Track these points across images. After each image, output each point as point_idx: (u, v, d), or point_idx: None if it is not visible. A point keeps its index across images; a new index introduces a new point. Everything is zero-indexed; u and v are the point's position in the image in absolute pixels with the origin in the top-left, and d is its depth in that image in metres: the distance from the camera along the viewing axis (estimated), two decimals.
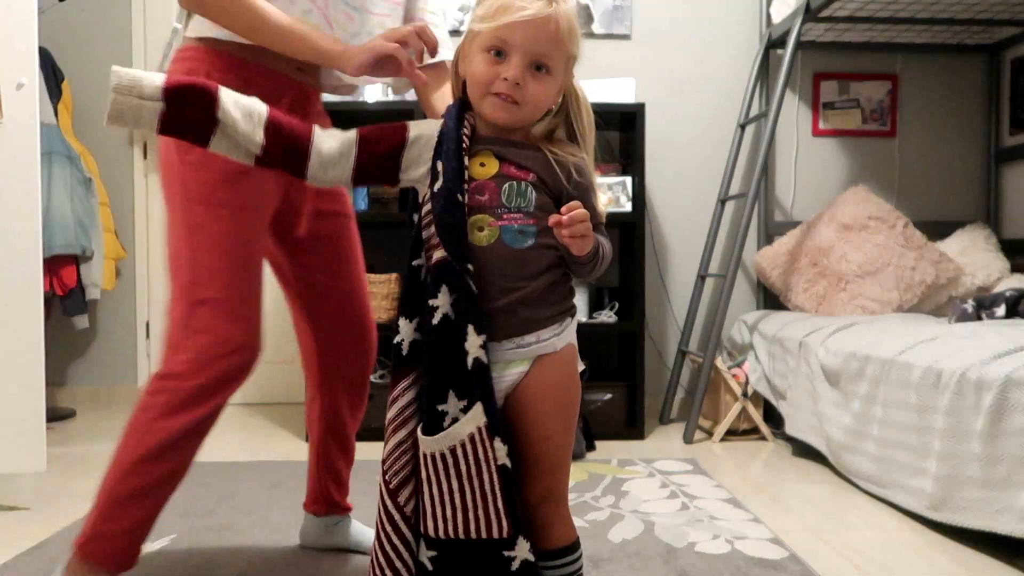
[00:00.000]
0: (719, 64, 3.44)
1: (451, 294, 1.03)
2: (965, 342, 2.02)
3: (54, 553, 1.75)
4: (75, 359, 3.72)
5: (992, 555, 1.74)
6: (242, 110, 1.06)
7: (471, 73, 1.10)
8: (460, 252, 1.03)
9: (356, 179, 1.13)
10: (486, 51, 1.07)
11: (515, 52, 1.06)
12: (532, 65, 1.07)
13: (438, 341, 1.04)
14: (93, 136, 3.60)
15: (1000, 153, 3.47)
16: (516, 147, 1.11)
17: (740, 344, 3.17)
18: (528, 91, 1.07)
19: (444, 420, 1.03)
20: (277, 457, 2.70)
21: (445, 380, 1.03)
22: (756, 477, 2.44)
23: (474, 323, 1.02)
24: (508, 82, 1.06)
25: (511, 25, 1.04)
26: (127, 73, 1.03)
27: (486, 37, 1.07)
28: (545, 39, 1.06)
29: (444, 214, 1.04)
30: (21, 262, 2.05)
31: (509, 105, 1.07)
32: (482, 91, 1.08)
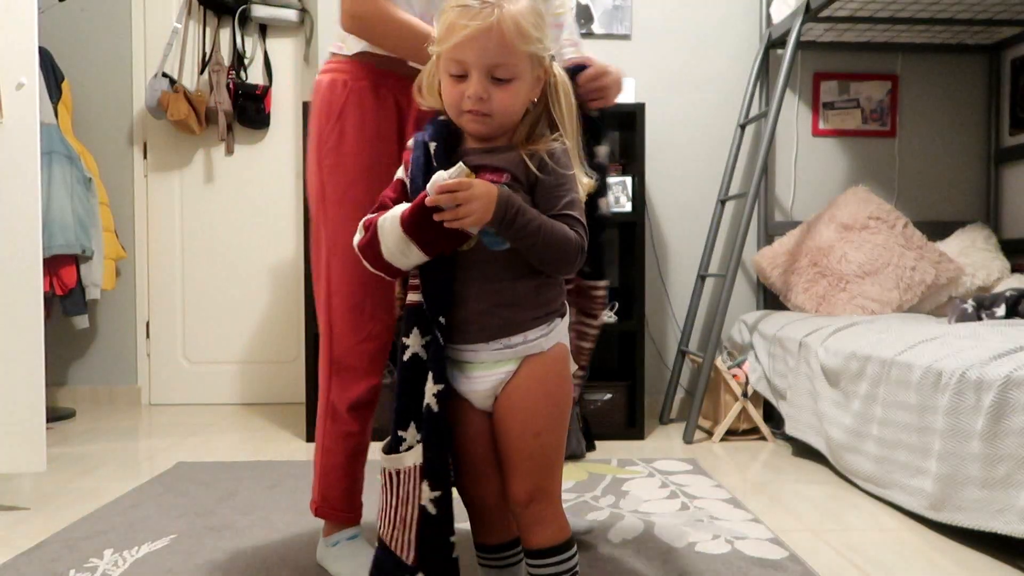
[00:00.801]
0: (719, 64, 3.44)
1: (423, 336, 1.10)
2: (965, 342, 2.02)
3: (54, 553, 1.75)
4: (75, 359, 3.72)
5: (992, 555, 1.74)
6: None
7: (444, 96, 1.13)
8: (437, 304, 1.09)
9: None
10: (448, 74, 1.10)
11: (472, 69, 1.07)
12: (490, 76, 1.08)
13: (407, 377, 1.11)
14: (93, 136, 3.60)
15: (1000, 153, 3.47)
16: (495, 152, 1.13)
17: (740, 344, 3.17)
18: (494, 102, 1.08)
19: (401, 445, 1.12)
20: (277, 457, 2.70)
21: (409, 411, 1.12)
22: (756, 477, 2.44)
23: (434, 371, 1.09)
24: (472, 99, 1.08)
25: (460, 45, 1.06)
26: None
27: (445, 61, 1.10)
28: (494, 49, 1.06)
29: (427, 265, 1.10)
30: (21, 262, 2.05)
31: (481, 118, 1.09)
32: (456, 112, 1.11)
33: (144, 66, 3.69)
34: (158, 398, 3.75)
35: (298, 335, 3.68)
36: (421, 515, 1.10)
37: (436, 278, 1.09)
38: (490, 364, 1.11)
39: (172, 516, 2.02)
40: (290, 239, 3.75)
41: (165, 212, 3.75)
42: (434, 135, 1.14)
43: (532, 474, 1.11)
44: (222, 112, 3.55)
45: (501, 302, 1.09)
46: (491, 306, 1.09)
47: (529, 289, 1.11)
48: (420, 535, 1.10)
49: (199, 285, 3.76)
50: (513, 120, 1.13)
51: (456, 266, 1.10)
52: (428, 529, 1.10)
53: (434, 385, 1.08)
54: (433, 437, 1.09)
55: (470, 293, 1.09)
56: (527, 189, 1.11)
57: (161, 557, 1.74)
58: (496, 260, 1.09)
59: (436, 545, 1.10)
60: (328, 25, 3.41)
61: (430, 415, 1.08)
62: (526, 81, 1.11)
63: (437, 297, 1.09)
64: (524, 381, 1.11)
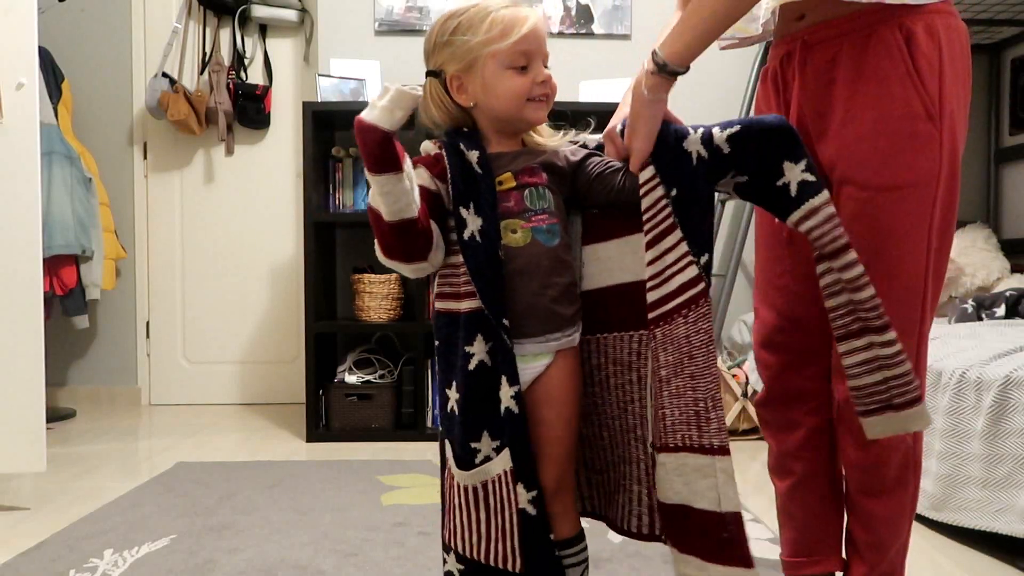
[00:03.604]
0: (719, 64, 3.44)
1: (486, 342, 1.08)
2: (965, 342, 2.02)
3: (54, 553, 1.75)
4: (75, 359, 3.72)
5: (992, 555, 1.74)
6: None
7: (504, 91, 1.13)
8: (500, 308, 1.08)
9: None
10: (510, 68, 1.13)
11: (535, 58, 1.13)
12: (544, 63, 1.16)
13: (474, 386, 1.09)
14: (93, 136, 3.60)
15: (1000, 153, 3.47)
16: (522, 156, 1.17)
17: (740, 344, 3.17)
18: (553, 84, 1.16)
19: (477, 457, 1.09)
20: (277, 457, 2.70)
21: (480, 421, 1.09)
22: (756, 477, 2.43)
23: (507, 374, 1.08)
24: (544, 84, 1.14)
25: (526, 37, 1.11)
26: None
27: (506, 56, 1.11)
28: (543, 40, 1.15)
29: (484, 268, 1.08)
30: (21, 262, 2.05)
31: (545, 103, 1.15)
32: (519, 102, 1.14)
33: (144, 66, 3.69)
34: (158, 398, 3.75)
35: (298, 335, 3.68)
36: (520, 519, 1.08)
37: (493, 283, 1.08)
38: (530, 357, 1.13)
39: (172, 516, 2.02)
40: (290, 239, 3.75)
41: (165, 212, 3.75)
42: (469, 144, 1.14)
43: (561, 461, 1.14)
44: (222, 112, 3.55)
45: (549, 298, 1.12)
46: (541, 303, 1.12)
47: (569, 286, 1.15)
48: (524, 540, 1.08)
49: (199, 285, 3.76)
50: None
51: (509, 259, 1.11)
52: (530, 532, 1.09)
53: (510, 388, 1.08)
54: (518, 439, 1.09)
55: (521, 290, 1.11)
56: (560, 190, 1.17)
57: (161, 557, 1.74)
58: (549, 256, 1.12)
59: (540, 546, 1.10)
60: (328, 25, 3.41)
61: (511, 418, 1.08)
62: None
63: (497, 300, 1.08)
64: (559, 372, 1.14)
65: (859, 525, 1.23)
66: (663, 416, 1.06)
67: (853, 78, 1.11)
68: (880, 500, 1.19)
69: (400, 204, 1.03)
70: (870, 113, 1.10)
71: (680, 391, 1.04)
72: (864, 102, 1.11)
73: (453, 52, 1.13)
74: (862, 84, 1.10)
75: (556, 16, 3.40)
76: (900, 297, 1.11)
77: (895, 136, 1.08)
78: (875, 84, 1.09)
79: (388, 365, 3.09)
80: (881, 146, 1.09)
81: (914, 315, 1.13)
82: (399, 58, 3.36)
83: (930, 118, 1.08)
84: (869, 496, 1.20)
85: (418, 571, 1.64)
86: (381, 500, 2.16)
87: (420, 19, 3.38)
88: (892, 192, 1.10)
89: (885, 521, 1.19)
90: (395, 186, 1.02)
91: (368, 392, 2.96)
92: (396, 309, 3.02)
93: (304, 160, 2.98)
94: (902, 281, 1.11)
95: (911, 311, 1.12)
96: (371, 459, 2.64)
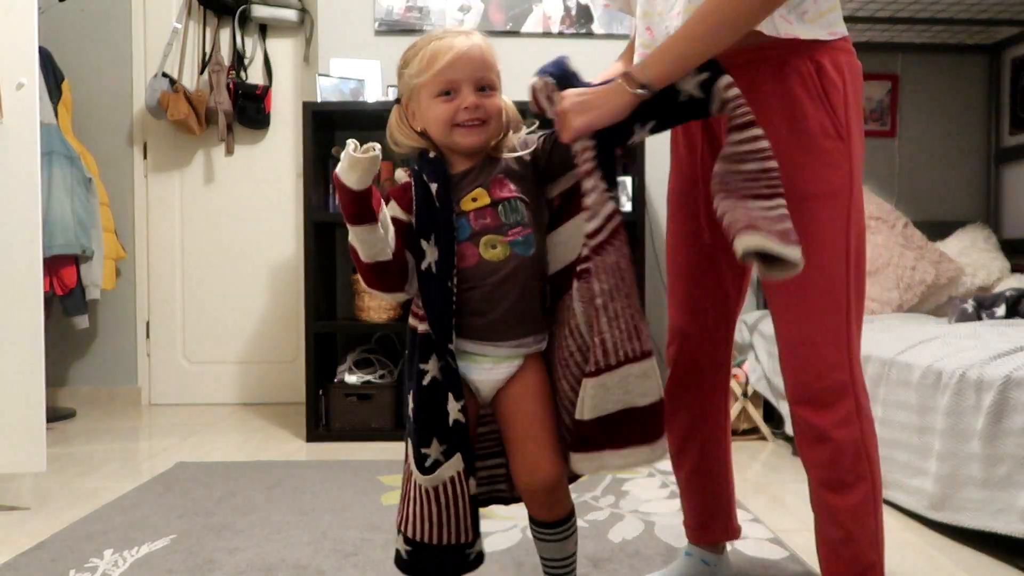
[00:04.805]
0: None
1: (438, 361, 1.19)
2: (965, 342, 2.02)
3: (54, 553, 1.75)
4: (75, 359, 3.72)
5: (992, 555, 1.74)
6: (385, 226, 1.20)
7: (432, 119, 1.21)
8: (447, 335, 1.18)
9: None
10: (437, 96, 1.20)
11: (462, 84, 1.19)
12: (478, 88, 1.21)
13: (427, 399, 1.20)
14: (93, 136, 3.60)
15: (1000, 153, 3.47)
16: (488, 169, 1.24)
17: (740, 344, 3.17)
18: (488, 107, 1.21)
19: (427, 460, 1.20)
20: (277, 457, 2.70)
21: (430, 430, 1.20)
22: (756, 477, 2.44)
23: (453, 391, 1.19)
24: (469, 109, 1.19)
25: (449, 65, 1.18)
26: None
27: (432, 85, 1.20)
28: (478, 64, 1.20)
29: (435, 298, 1.19)
30: (21, 262, 2.05)
31: (477, 128, 1.20)
32: (447, 128, 1.20)
33: (144, 66, 3.69)
34: (158, 398, 3.75)
35: (298, 335, 3.68)
36: (472, 503, 1.23)
37: (443, 312, 1.19)
38: (502, 359, 1.24)
39: (172, 516, 2.02)
40: (290, 239, 3.75)
41: (165, 212, 3.75)
42: (432, 174, 1.21)
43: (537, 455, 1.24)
44: (222, 112, 3.55)
45: (527, 306, 1.23)
46: (520, 310, 1.22)
47: (541, 294, 1.26)
48: (475, 516, 1.24)
49: (199, 285, 3.76)
50: (500, 128, 1.24)
51: (490, 272, 1.20)
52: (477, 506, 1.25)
53: (456, 403, 1.19)
54: (464, 445, 1.20)
55: (502, 298, 1.20)
56: (536, 177, 1.26)
57: (161, 557, 1.74)
58: (526, 266, 1.21)
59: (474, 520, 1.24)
60: (328, 25, 3.41)
61: (459, 427, 1.19)
62: (500, 96, 1.24)
63: (445, 327, 1.18)
64: (532, 373, 1.26)
65: (825, 519, 1.29)
66: (602, 342, 1.16)
67: (770, 99, 1.21)
68: (841, 495, 1.25)
69: (375, 249, 1.17)
70: (787, 129, 1.21)
71: (619, 312, 1.16)
72: (782, 120, 1.21)
73: (402, 84, 1.25)
74: (779, 104, 1.21)
75: (556, 16, 3.40)
76: (824, 305, 1.22)
77: (811, 151, 1.21)
78: (791, 105, 1.21)
79: (388, 365, 3.09)
80: (799, 160, 1.20)
81: (840, 319, 1.23)
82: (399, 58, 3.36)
83: (840, 137, 1.21)
84: (831, 491, 1.26)
85: None
86: (381, 500, 2.16)
87: (420, 19, 3.38)
88: (811, 200, 1.21)
89: (850, 514, 1.25)
90: (369, 235, 1.16)
91: (368, 392, 2.96)
92: (396, 309, 3.02)
93: (304, 160, 2.98)
94: (826, 283, 1.22)
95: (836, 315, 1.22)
96: (371, 459, 2.64)
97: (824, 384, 1.22)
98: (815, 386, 1.23)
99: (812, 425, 1.24)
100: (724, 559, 1.58)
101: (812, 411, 1.24)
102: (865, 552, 1.25)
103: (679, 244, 1.46)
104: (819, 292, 1.22)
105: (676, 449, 1.53)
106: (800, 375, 1.24)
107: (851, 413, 1.22)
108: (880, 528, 1.27)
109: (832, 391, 1.22)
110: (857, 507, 1.24)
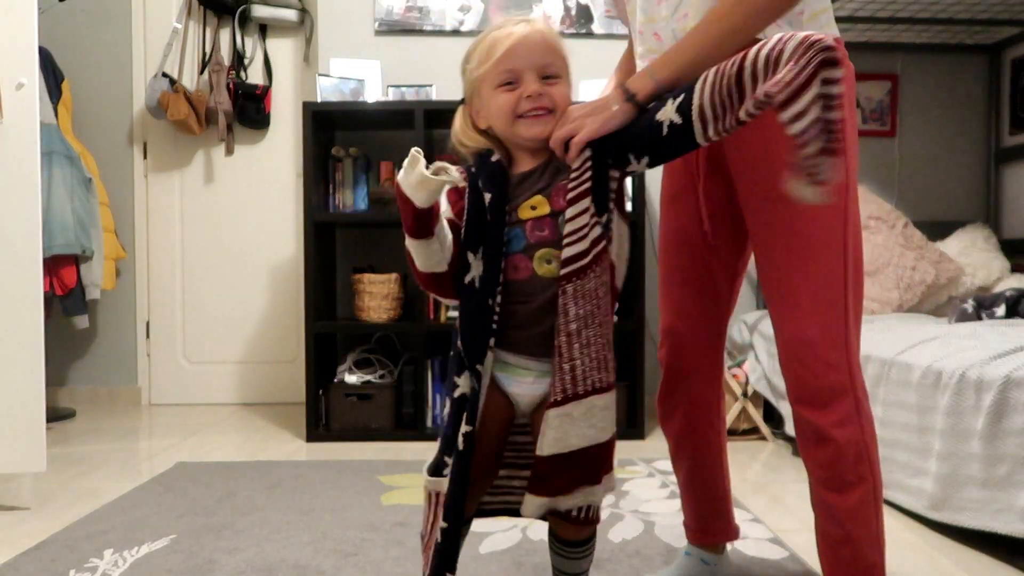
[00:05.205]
0: None
1: (469, 379, 1.14)
2: (965, 342, 2.02)
3: (54, 553, 1.75)
4: (75, 359, 3.72)
5: (992, 555, 1.74)
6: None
7: (494, 111, 1.15)
8: (477, 356, 1.13)
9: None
10: (498, 87, 1.14)
11: (524, 72, 1.13)
12: (542, 76, 1.14)
13: (455, 411, 1.16)
14: (93, 136, 3.60)
15: (1000, 153, 3.47)
16: (552, 172, 1.16)
17: (740, 344, 3.17)
18: (553, 95, 1.14)
19: (444, 469, 1.16)
20: (277, 457, 2.70)
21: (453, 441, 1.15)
22: (756, 477, 2.44)
23: (470, 413, 1.13)
24: (532, 97, 1.12)
25: (508, 53, 1.12)
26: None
27: (492, 76, 1.14)
28: (541, 51, 1.13)
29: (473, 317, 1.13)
30: (21, 262, 2.05)
31: (542, 117, 1.13)
32: (510, 119, 1.14)
33: (144, 66, 3.69)
34: (158, 398, 3.75)
35: (298, 335, 3.68)
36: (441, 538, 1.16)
37: (477, 332, 1.13)
38: (544, 373, 1.16)
39: (172, 516, 2.02)
40: (290, 239, 3.75)
41: (165, 212, 3.75)
42: (488, 182, 1.15)
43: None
44: (222, 112, 3.55)
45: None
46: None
47: None
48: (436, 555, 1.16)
49: (199, 285, 3.76)
50: None
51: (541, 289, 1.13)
52: (437, 554, 1.16)
53: (465, 426, 1.13)
54: (461, 475, 1.14)
55: (549, 314, 1.12)
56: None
57: (161, 557, 1.74)
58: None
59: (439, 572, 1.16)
60: (328, 25, 3.41)
61: (458, 452, 1.14)
62: (569, 83, 1.16)
63: (474, 346, 1.13)
64: None
65: (825, 519, 1.29)
66: (572, 368, 1.11)
67: None
68: (842, 495, 1.25)
69: (431, 261, 1.14)
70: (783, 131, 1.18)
71: (591, 340, 1.11)
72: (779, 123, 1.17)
73: (465, 82, 1.19)
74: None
75: (556, 16, 3.41)
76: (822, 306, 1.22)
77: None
78: None
79: (388, 365, 3.09)
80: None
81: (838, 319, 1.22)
82: (399, 58, 3.36)
83: None
84: (831, 491, 1.26)
85: (418, 571, 1.64)
86: (381, 500, 2.16)
87: (420, 19, 3.38)
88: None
89: (849, 514, 1.24)
90: (426, 248, 1.12)
91: (368, 392, 2.96)
92: (396, 309, 3.02)
93: (304, 160, 2.98)
94: (824, 283, 1.22)
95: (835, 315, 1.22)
96: (371, 459, 2.64)
97: (823, 384, 1.22)
98: (814, 385, 1.23)
99: (812, 425, 1.24)
100: (724, 559, 1.58)
101: (812, 411, 1.24)
102: (866, 552, 1.25)
103: (671, 244, 1.47)
104: (817, 292, 1.22)
105: (673, 450, 1.54)
106: (799, 375, 1.24)
107: (851, 413, 1.22)
108: (881, 528, 1.27)
109: (831, 391, 1.22)
110: (857, 507, 1.24)
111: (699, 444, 1.50)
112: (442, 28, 3.38)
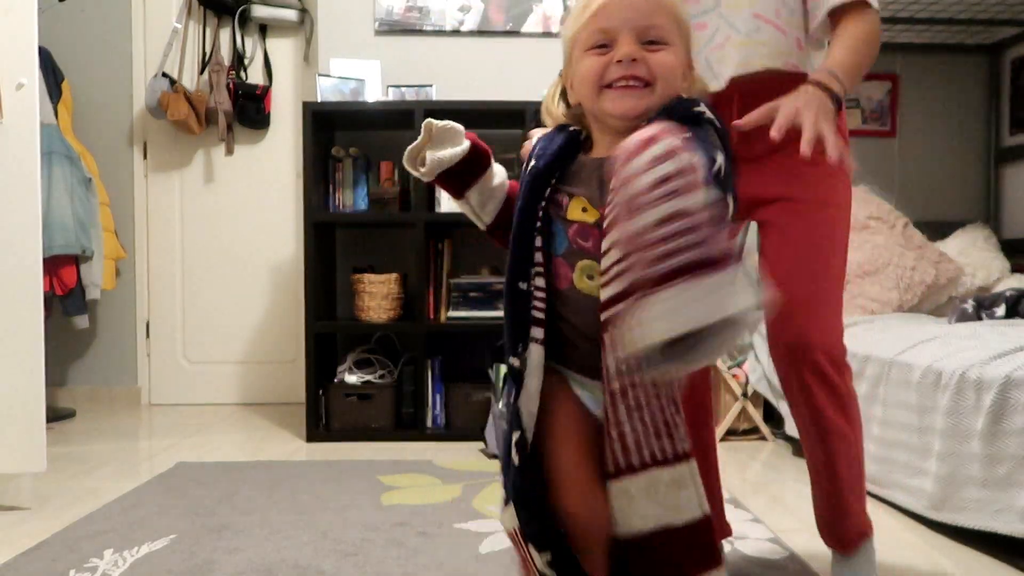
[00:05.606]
0: None
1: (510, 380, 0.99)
2: (965, 342, 2.02)
3: (54, 553, 1.75)
4: (75, 359, 3.72)
5: (992, 555, 1.74)
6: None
7: (580, 78, 0.96)
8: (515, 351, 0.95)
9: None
10: (589, 50, 0.95)
11: (619, 32, 0.93)
12: (643, 40, 0.93)
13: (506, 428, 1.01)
14: (93, 136, 3.60)
15: (1000, 153, 3.47)
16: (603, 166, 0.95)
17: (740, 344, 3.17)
18: (652, 63, 0.92)
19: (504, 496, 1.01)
20: (277, 457, 2.70)
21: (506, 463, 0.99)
22: (756, 477, 2.43)
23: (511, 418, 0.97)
24: (623, 63, 0.92)
25: (603, 9, 0.93)
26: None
27: (584, 35, 0.95)
28: (643, 9, 0.93)
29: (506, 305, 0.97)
30: (21, 262, 2.05)
31: (633, 89, 0.93)
32: (595, 89, 0.94)
33: (144, 66, 3.69)
34: (158, 398, 3.75)
35: (298, 335, 3.67)
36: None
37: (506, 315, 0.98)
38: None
39: (172, 516, 2.02)
40: (290, 239, 3.75)
41: (165, 212, 3.75)
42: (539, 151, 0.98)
43: None
44: (222, 112, 3.55)
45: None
46: None
47: None
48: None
49: (199, 285, 3.75)
50: (669, 93, 0.94)
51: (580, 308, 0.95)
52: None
53: (512, 432, 0.93)
54: (519, 493, 0.93)
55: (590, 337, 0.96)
56: None
57: (161, 557, 1.73)
58: None
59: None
60: (328, 25, 3.41)
61: (512, 469, 0.93)
62: (680, 50, 0.96)
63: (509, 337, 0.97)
64: None
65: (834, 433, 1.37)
66: (620, 436, 0.91)
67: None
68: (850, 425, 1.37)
69: (472, 217, 1.08)
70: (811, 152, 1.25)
71: (640, 401, 0.90)
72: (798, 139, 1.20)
73: (563, 47, 1.01)
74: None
75: (556, 16, 3.40)
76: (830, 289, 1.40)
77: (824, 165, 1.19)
78: None
79: (388, 365, 3.09)
80: (818, 172, 1.29)
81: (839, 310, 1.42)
82: (399, 58, 3.36)
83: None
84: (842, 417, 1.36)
85: (418, 571, 1.64)
86: (381, 500, 2.16)
87: (420, 19, 3.38)
88: (827, 208, 1.36)
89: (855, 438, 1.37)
90: (462, 206, 1.07)
91: (368, 392, 2.96)
92: (396, 309, 3.02)
93: (304, 160, 2.98)
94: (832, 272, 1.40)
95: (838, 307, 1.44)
96: (371, 459, 2.64)
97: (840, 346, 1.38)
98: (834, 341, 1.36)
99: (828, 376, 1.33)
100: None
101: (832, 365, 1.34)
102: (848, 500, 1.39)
103: None
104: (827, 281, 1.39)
105: None
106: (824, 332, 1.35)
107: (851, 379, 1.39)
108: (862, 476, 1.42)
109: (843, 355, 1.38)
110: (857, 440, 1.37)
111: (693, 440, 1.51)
112: (442, 28, 3.38)
